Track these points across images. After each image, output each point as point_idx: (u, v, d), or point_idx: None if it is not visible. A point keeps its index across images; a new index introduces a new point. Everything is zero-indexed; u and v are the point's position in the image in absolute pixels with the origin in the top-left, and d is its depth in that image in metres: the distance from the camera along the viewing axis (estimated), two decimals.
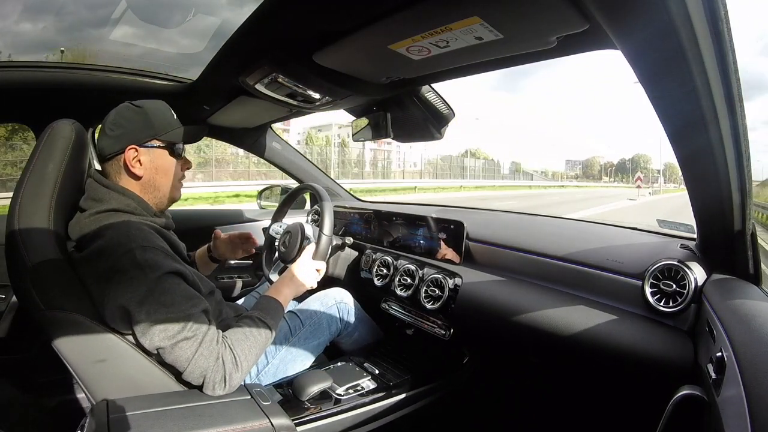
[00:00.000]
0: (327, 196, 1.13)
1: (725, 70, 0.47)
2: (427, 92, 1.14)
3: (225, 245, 1.18)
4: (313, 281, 1.02)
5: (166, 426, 0.66)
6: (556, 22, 0.60)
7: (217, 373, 0.74)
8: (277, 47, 0.84)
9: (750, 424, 0.40)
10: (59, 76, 1.26)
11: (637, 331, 0.80)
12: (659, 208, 13.44)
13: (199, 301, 0.77)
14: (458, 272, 1.14)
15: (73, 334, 0.73)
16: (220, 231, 1.20)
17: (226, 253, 1.18)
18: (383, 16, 0.66)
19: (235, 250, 1.19)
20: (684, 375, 0.71)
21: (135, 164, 0.84)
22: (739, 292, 0.67)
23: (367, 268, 1.40)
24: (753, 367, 0.45)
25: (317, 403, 0.94)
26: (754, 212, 0.68)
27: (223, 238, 1.19)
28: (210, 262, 1.20)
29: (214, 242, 1.19)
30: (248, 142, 1.74)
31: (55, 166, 0.79)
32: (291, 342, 1.09)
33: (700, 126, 0.54)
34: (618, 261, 0.89)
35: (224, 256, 1.19)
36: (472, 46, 0.70)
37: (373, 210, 1.51)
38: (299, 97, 1.08)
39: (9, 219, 0.75)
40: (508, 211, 1.58)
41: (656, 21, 0.43)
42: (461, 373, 1.22)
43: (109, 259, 0.73)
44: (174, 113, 0.91)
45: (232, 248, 1.18)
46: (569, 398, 1.15)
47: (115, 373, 0.74)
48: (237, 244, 1.19)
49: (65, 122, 0.83)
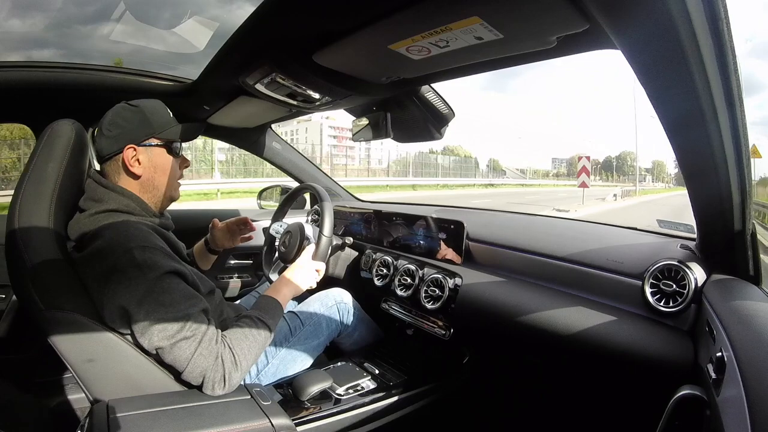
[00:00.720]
0: (327, 197, 1.13)
1: (725, 69, 0.47)
2: (427, 92, 1.14)
3: (223, 234, 1.19)
4: (313, 281, 1.02)
5: (166, 426, 0.66)
6: (556, 22, 0.60)
7: (217, 373, 0.74)
8: (277, 47, 0.84)
9: (750, 424, 0.40)
10: (59, 76, 1.26)
11: (637, 331, 0.80)
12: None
13: (198, 301, 0.77)
14: (458, 272, 1.14)
15: (72, 333, 0.73)
16: (217, 221, 1.21)
17: (225, 242, 1.19)
18: (383, 16, 0.66)
19: (233, 237, 1.19)
20: (684, 375, 0.71)
21: (134, 163, 0.84)
22: (739, 292, 0.67)
23: (367, 268, 1.40)
24: (753, 367, 0.45)
25: (317, 403, 0.94)
26: (754, 212, 0.68)
27: (220, 227, 1.19)
28: (209, 255, 1.21)
29: (211, 232, 1.19)
30: (248, 142, 1.75)
31: (55, 166, 0.79)
32: (291, 342, 1.09)
33: (700, 125, 0.54)
34: (618, 261, 0.89)
35: (223, 245, 1.19)
36: (472, 46, 0.70)
37: (373, 210, 1.51)
38: (299, 97, 1.09)
39: (9, 219, 0.75)
40: (508, 212, 1.58)
41: (656, 21, 0.43)
42: (461, 373, 1.22)
43: (109, 259, 0.73)
44: (171, 112, 0.91)
45: (231, 236, 1.19)
46: (569, 398, 1.15)
47: (114, 373, 0.74)
48: (235, 231, 1.19)
49: (65, 122, 0.83)
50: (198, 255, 1.21)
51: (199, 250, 1.21)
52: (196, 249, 1.22)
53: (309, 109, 1.21)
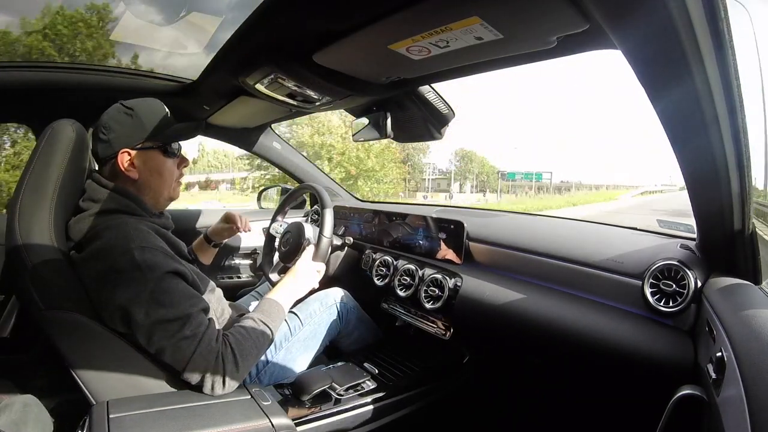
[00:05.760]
0: (327, 197, 1.13)
1: (725, 69, 0.47)
2: (427, 92, 1.14)
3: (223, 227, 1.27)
4: (315, 282, 1.02)
5: (166, 426, 0.66)
6: (556, 22, 0.60)
7: (217, 373, 0.74)
8: (277, 47, 0.84)
9: (750, 424, 0.40)
10: (59, 76, 1.26)
11: (637, 331, 0.79)
12: None
13: (198, 301, 0.77)
14: (458, 272, 1.14)
15: (72, 333, 0.73)
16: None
17: (227, 233, 1.26)
18: (383, 16, 0.66)
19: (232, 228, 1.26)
20: (684, 375, 0.71)
21: (129, 168, 0.84)
22: (739, 292, 0.67)
23: (367, 268, 1.40)
24: (753, 367, 0.45)
25: (317, 403, 0.94)
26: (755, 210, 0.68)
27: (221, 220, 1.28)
28: (210, 248, 1.26)
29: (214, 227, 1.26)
30: (248, 142, 1.75)
31: (55, 167, 0.79)
32: (291, 342, 1.09)
33: (701, 126, 0.54)
34: (618, 261, 0.89)
35: (223, 237, 1.27)
36: (472, 46, 0.70)
37: (373, 210, 1.51)
38: (299, 97, 1.09)
39: (9, 219, 0.75)
40: (508, 212, 1.58)
41: (656, 21, 0.43)
42: (461, 373, 1.22)
43: (108, 260, 0.73)
44: (168, 111, 0.90)
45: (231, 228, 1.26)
46: (569, 398, 1.15)
47: (114, 373, 0.74)
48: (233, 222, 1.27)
49: (65, 122, 0.83)
50: (198, 249, 1.25)
51: (200, 245, 1.25)
52: (196, 244, 1.25)
53: (309, 109, 1.21)
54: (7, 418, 0.76)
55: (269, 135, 1.77)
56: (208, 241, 1.25)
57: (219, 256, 1.67)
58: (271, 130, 1.76)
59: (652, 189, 61.47)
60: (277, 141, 1.80)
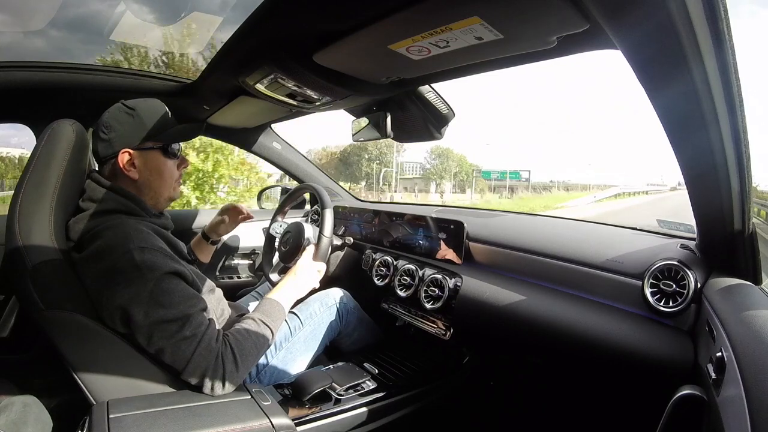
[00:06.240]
0: (327, 197, 1.13)
1: (725, 69, 0.47)
2: (427, 92, 1.14)
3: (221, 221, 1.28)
4: (315, 282, 1.02)
5: (166, 426, 0.66)
6: (556, 22, 0.60)
7: (217, 373, 0.74)
8: (277, 47, 0.84)
9: (750, 424, 0.40)
10: (59, 76, 1.26)
11: (637, 331, 0.79)
12: None
13: (198, 301, 0.77)
14: (458, 272, 1.14)
15: (72, 334, 0.73)
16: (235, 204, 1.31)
17: (227, 228, 1.28)
18: (383, 16, 0.66)
19: (232, 222, 1.28)
20: (684, 375, 0.71)
21: (129, 168, 0.84)
22: (739, 292, 0.67)
23: (367, 268, 1.40)
24: (753, 367, 0.45)
25: (317, 403, 0.94)
26: (754, 208, 0.68)
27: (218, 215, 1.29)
28: (208, 246, 1.27)
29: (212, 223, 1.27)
30: (248, 142, 1.75)
31: (55, 167, 0.79)
32: (291, 342, 1.09)
33: (700, 126, 0.54)
34: (618, 261, 0.89)
35: (220, 233, 1.28)
36: (472, 46, 0.70)
37: (373, 210, 1.51)
38: (299, 97, 1.09)
39: (9, 219, 0.75)
40: (508, 212, 1.58)
41: (656, 21, 0.43)
42: (461, 373, 1.22)
43: (108, 260, 0.73)
44: (169, 111, 0.91)
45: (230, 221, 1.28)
46: (569, 398, 1.15)
47: (114, 373, 0.74)
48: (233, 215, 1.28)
49: (65, 122, 0.83)
50: (196, 248, 1.26)
51: (198, 243, 1.26)
52: (194, 243, 1.26)
53: (309, 109, 1.21)
54: (7, 418, 0.75)
55: (269, 135, 1.77)
56: (206, 239, 1.26)
57: (218, 256, 1.67)
58: (271, 130, 1.76)
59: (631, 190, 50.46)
60: (277, 141, 1.80)
